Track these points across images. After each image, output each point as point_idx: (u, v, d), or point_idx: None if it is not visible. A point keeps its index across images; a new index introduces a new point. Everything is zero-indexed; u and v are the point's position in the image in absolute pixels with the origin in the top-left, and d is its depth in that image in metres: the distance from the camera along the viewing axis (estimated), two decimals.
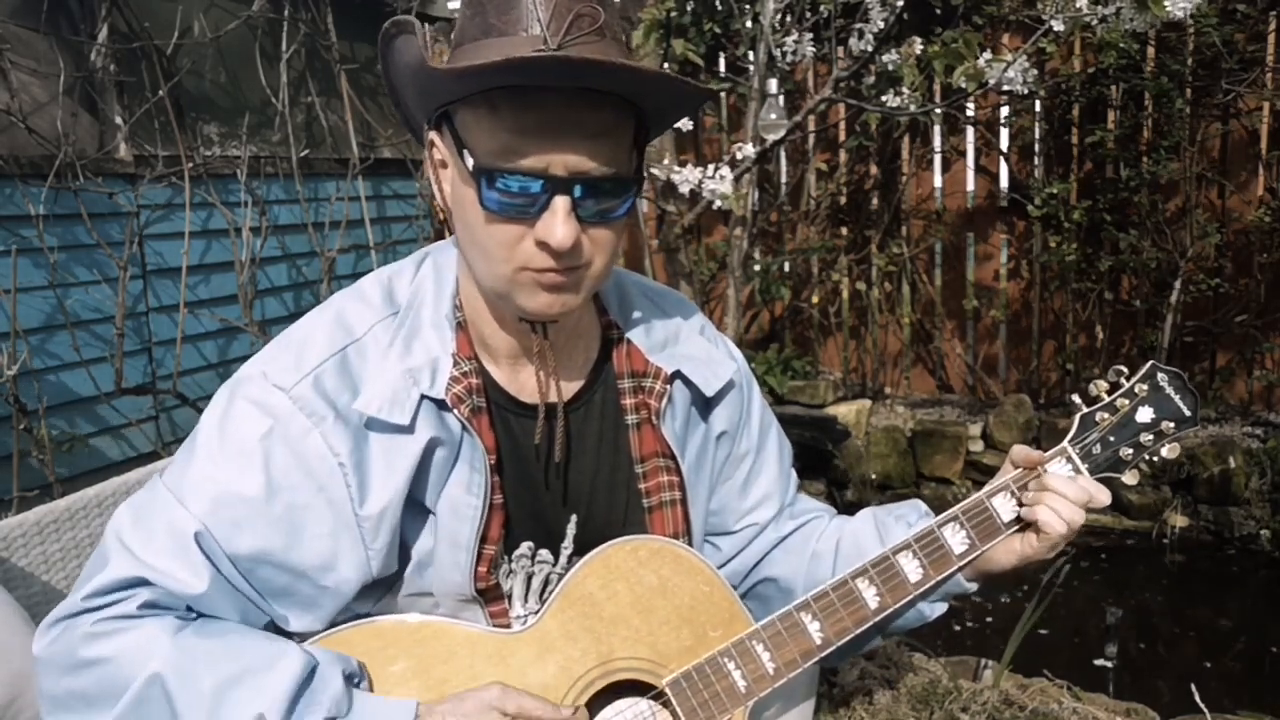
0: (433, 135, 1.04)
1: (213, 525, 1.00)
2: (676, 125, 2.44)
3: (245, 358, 4.27)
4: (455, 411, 1.05)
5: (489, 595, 1.11)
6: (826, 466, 4.71)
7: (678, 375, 1.19)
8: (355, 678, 1.02)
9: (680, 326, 1.24)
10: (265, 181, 4.10)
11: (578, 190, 0.95)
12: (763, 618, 1.15)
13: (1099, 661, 3.20)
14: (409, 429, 1.03)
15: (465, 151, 0.97)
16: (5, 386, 2.99)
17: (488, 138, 0.95)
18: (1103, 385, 1.24)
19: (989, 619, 3.61)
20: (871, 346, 5.36)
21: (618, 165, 0.97)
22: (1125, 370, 1.25)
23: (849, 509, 1.36)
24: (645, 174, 1.09)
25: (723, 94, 5.14)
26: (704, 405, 1.23)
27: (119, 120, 3.61)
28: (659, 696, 1.11)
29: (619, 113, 0.96)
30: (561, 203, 0.94)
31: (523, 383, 1.13)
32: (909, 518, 1.25)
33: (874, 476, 4.78)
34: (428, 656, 1.06)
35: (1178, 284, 4.43)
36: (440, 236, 5.12)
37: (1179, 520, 4.18)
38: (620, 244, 1.05)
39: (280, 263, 4.28)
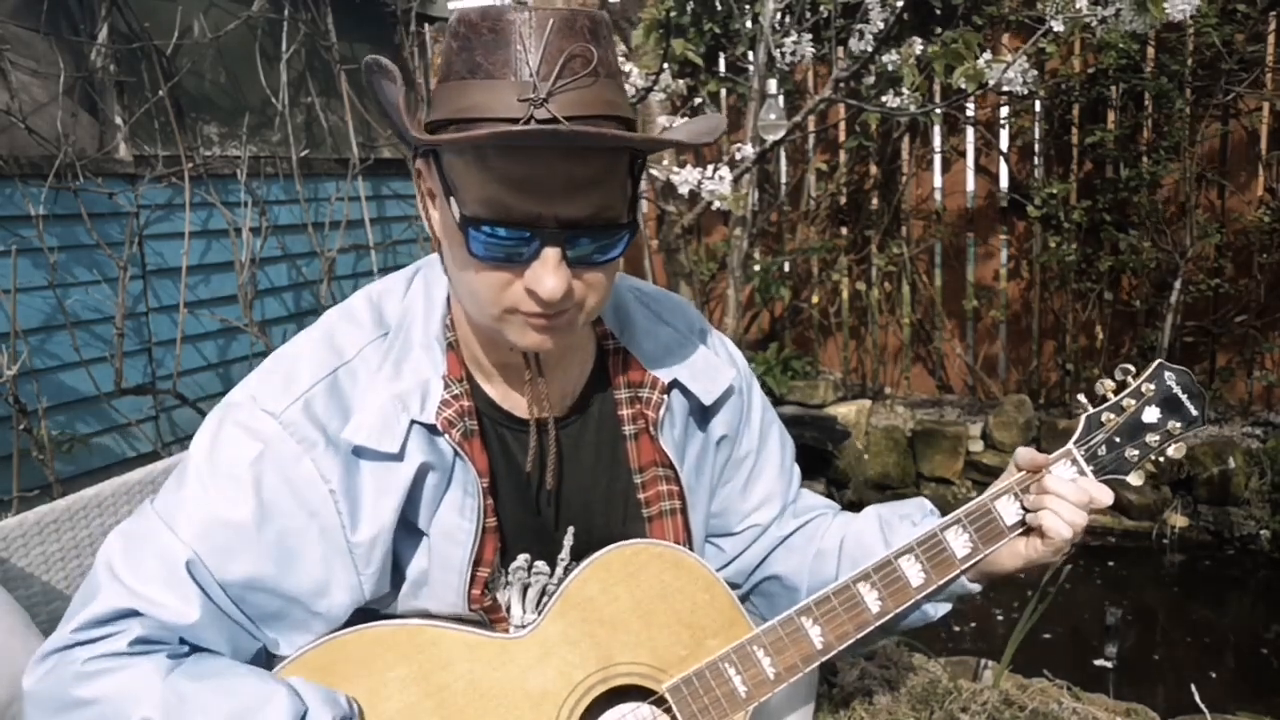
0: (420, 165, 1.02)
1: (204, 552, 0.99)
2: None
3: (245, 358, 4.24)
4: (446, 436, 1.04)
5: (485, 611, 1.10)
6: (826, 466, 4.71)
7: (675, 384, 1.18)
8: None
9: (678, 333, 1.23)
10: (265, 181, 4.10)
11: (568, 239, 0.92)
12: (767, 614, 1.14)
13: (1099, 662, 3.20)
14: (398, 457, 1.02)
15: (452, 199, 0.94)
16: (5, 386, 2.99)
17: (476, 187, 0.91)
18: (1109, 384, 1.21)
19: (989, 619, 3.61)
20: (871, 346, 5.35)
21: (611, 211, 0.94)
22: (1132, 369, 1.20)
23: (849, 509, 1.36)
24: (639, 217, 1.08)
25: (722, 93, 5.14)
26: (703, 412, 1.22)
27: (119, 120, 3.60)
28: (660, 702, 1.10)
29: (612, 158, 0.93)
30: (551, 254, 0.92)
31: (516, 399, 1.12)
32: (914, 517, 1.25)
33: (873, 476, 4.78)
34: (427, 663, 1.06)
35: (1178, 284, 4.43)
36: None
37: (1179, 520, 4.18)
38: (615, 278, 1.02)
39: (280, 263, 4.28)
